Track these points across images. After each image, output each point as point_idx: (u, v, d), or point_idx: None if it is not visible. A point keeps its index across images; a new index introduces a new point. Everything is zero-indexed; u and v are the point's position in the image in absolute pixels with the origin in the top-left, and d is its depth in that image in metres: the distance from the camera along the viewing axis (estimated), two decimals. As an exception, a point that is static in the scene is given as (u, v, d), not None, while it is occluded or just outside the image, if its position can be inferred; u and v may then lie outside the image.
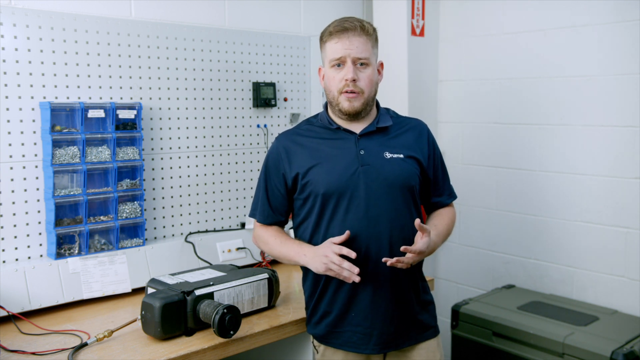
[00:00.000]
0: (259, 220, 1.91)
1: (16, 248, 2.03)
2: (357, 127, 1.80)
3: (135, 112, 2.21)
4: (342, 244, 1.68)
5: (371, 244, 1.72)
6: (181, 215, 2.43)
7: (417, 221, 1.65)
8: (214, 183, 2.52)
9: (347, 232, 1.69)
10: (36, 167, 2.05)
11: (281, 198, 1.85)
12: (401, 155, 1.78)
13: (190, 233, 2.44)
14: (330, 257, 1.64)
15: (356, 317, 1.76)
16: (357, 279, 1.63)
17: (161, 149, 2.36)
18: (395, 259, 1.63)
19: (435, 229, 1.80)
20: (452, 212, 1.94)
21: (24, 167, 2.03)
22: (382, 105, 1.91)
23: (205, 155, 2.49)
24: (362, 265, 1.70)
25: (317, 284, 1.80)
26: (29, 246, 2.06)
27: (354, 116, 1.78)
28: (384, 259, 1.64)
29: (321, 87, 2.78)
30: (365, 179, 1.73)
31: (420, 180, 1.82)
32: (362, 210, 1.73)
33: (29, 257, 2.06)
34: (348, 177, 1.73)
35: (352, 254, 1.63)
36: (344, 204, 1.74)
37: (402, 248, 1.63)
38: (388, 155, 1.77)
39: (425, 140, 1.85)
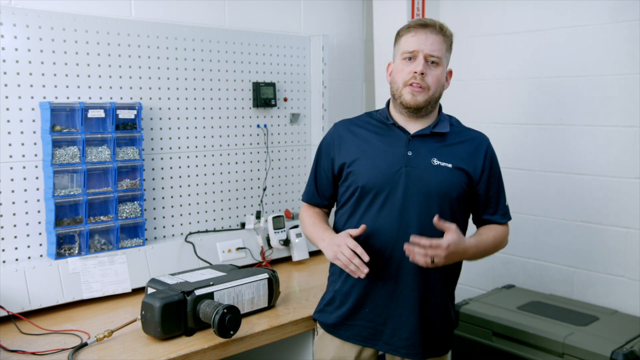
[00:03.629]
0: (303, 198, 1.99)
1: (16, 248, 2.03)
2: (413, 127, 1.79)
3: (135, 112, 2.20)
4: (368, 237, 1.71)
5: (398, 246, 1.70)
6: (181, 215, 2.43)
7: (437, 217, 1.60)
8: (214, 183, 2.52)
9: (363, 226, 1.69)
10: (36, 167, 2.05)
11: (327, 182, 1.90)
12: (449, 165, 1.74)
13: (190, 233, 2.44)
14: (341, 248, 1.65)
15: (369, 313, 1.77)
16: (362, 275, 1.63)
17: (161, 149, 2.36)
18: (406, 246, 1.59)
19: (478, 237, 1.76)
20: (504, 231, 1.85)
21: (24, 167, 2.03)
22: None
23: (205, 155, 2.49)
24: (385, 265, 1.73)
25: (341, 272, 1.81)
26: (29, 246, 2.05)
27: (415, 111, 1.75)
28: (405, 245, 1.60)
29: (322, 87, 2.79)
30: (406, 180, 1.72)
31: (466, 194, 1.76)
32: (395, 210, 1.72)
33: (29, 257, 2.06)
34: (389, 175, 1.73)
35: (365, 257, 1.63)
36: (379, 200, 1.74)
37: (412, 237, 1.59)
38: (436, 162, 1.74)
39: (482, 155, 1.79)
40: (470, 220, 1.90)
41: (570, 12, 2.66)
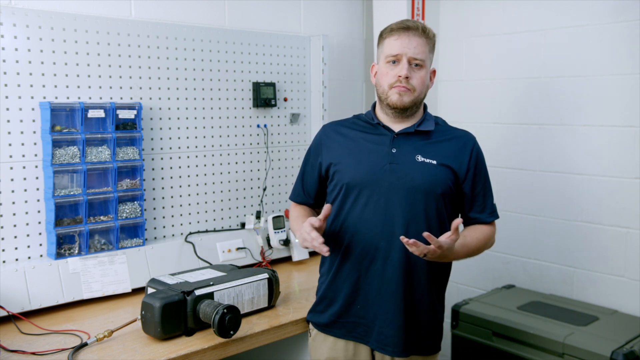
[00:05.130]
0: (290, 197, 2.05)
1: (16, 248, 2.03)
2: (399, 127, 1.81)
3: (135, 112, 2.20)
4: (354, 234, 1.75)
5: (383, 241, 1.73)
6: (181, 215, 2.43)
7: (426, 234, 1.58)
8: (214, 183, 2.52)
9: (328, 206, 1.72)
10: (36, 167, 2.05)
11: (313, 182, 1.94)
12: (434, 162, 1.75)
13: (190, 233, 2.44)
14: (303, 234, 1.71)
15: (361, 310, 1.79)
16: (325, 253, 1.65)
17: (161, 149, 2.36)
18: (413, 240, 1.57)
19: (463, 239, 1.76)
20: (490, 230, 1.87)
21: (24, 167, 2.03)
22: None
23: (205, 155, 2.49)
24: (372, 261, 1.75)
25: (329, 270, 1.85)
26: (29, 246, 2.05)
27: (401, 111, 1.78)
28: (401, 237, 1.60)
29: (322, 87, 2.79)
30: (390, 176, 1.74)
31: (452, 192, 1.77)
32: (380, 206, 1.74)
33: (29, 257, 2.06)
34: (374, 172, 1.75)
35: (320, 240, 1.65)
36: (364, 197, 1.76)
37: (425, 234, 1.57)
38: (420, 158, 1.75)
39: (468, 153, 1.80)
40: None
41: (570, 12, 2.66)
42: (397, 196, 1.73)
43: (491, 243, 1.90)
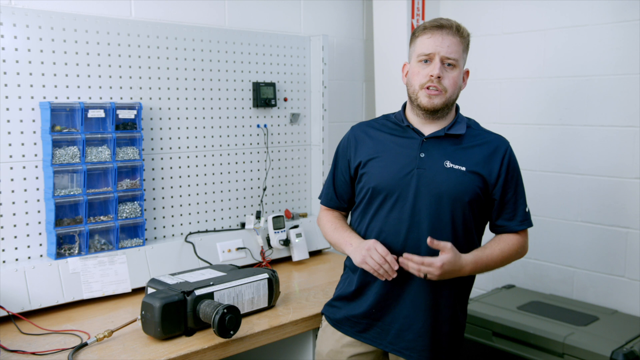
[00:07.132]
0: (322, 202, 1.98)
1: (16, 248, 2.03)
2: (429, 129, 1.77)
3: (135, 112, 2.20)
4: (378, 239, 1.72)
5: (407, 248, 1.70)
6: (181, 215, 2.43)
7: (429, 239, 1.60)
8: (214, 183, 2.52)
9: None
10: (36, 167, 2.05)
11: (345, 185, 1.90)
12: (463, 168, 1.70)
13: (190, 233, 2.44)
14: (371, 252, 1.67)
15: (376, 313, 1.78)
16: (389, 279, 1.66)
17: (161, 149, 2.36)
18: (401, 259, 1.63)
19: (481, 252, 1.73)
20: (519, 240, 1.79)
21: (24, 167, 2.03)
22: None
23: (205, 155, 2.49)
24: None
25: (353, 271, 1.83)
26: (29, 246, 2.05)
27: (431, 113, 1.74)
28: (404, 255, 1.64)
29: (322, 87, 2.79)
30: (417, 182, 1.70)
31: (480, 199, 1.72)
32: (406, 212, 1.71)
33: (29, 257, 2.06)
34: (400, 177, 1.72)
35: (395, 266, 1.65)
36: (390, 201, 1.74)
37: (405, 254, 1.63)
38: (448, 164, 1.71)
39: (499, 160, 1.73)
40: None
41: (570, 12, 2.66)
42: (423, 202, 1.70)
43: (521, 253, 1.83)
